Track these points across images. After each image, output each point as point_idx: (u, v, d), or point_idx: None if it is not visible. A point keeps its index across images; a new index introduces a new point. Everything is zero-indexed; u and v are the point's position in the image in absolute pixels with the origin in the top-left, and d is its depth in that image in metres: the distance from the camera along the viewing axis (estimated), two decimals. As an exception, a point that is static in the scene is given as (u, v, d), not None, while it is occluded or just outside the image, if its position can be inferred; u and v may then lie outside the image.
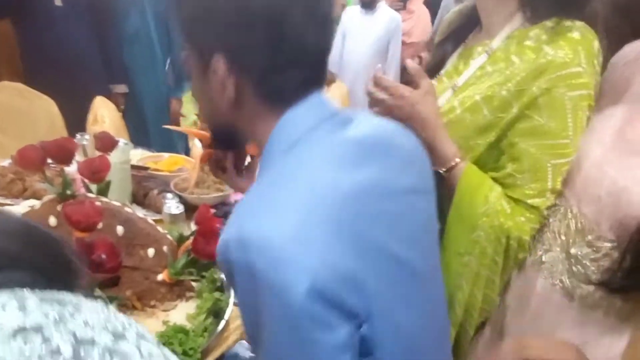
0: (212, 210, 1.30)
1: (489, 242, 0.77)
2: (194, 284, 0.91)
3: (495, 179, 0.79)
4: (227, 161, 0.78)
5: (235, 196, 1.40)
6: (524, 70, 0.74)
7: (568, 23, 0.74)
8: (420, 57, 3.20)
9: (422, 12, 3.26)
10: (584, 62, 0.71)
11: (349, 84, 3.07)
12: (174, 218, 1.17)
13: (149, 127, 2.44)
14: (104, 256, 0.60)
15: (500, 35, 0.80)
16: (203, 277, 0.92)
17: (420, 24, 3.24)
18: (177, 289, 0.85)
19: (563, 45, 0.72)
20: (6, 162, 1.49)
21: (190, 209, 1.29)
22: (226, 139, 0.66)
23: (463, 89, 0.83)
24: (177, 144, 2.53)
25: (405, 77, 3.06)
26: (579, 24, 0.74)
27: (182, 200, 1.28)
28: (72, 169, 1.04)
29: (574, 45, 0.72)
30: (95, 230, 0.72)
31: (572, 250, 0.72)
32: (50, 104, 1.97)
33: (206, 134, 0.78)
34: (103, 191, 0.89)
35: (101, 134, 0.95)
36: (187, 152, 2.55)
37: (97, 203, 0.78)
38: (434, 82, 0.90)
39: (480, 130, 0.78)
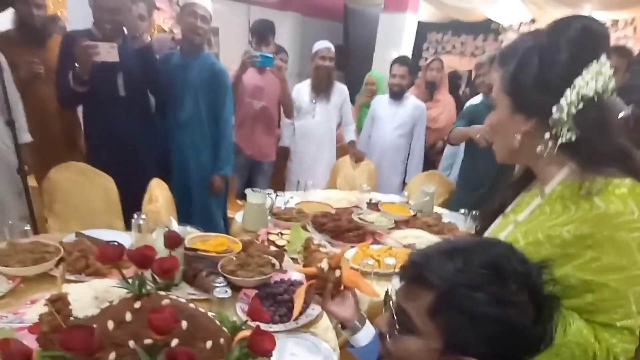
0: (255, 291, 1.38)
1: None
2: (242, 370, 0.95)
3: (576, 308, 0.82)
4: (326, 290, 1.01)
5: (276, 277, 1.46)
6: (581, 218, 0.80)
7: (617, 181, 0.80)
8: (444, 140, 3.33)
9: (447, 100, 3.46)
10: (636, 210, 0.77)
11: (376, 162, 3.22)
12: (222, 301, 1.23)
13: (194, 200, 2.58)
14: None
15: (552, 183, 0.88)
16: (251, 363, 0.96)
17: (445, 111, 3.41)
18: (229, 378, 0.89)
19: (613, 200, 0.78)
20: (69, 238, 1.61)
21: (234, 289, 1.37)
22: None
23: (524, 224, 0.90)
24: (216, 216, 2.65)
25: (431, 157, 3.16)
26: (627, 181, 0.80)
27: (229, 282, 1.35)
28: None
29: (624, 199, 0.78)
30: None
31: None
32: (109, 181, 2.15)
33: (312, 270, 1.05)
34: (169, 287, 0.96)
35: (170, 233, 1.03)
36: (225, 224, 2.67)
37: (167, 300, 0.85)
38: (499, 218, 1.00)
39: None
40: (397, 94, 3.11)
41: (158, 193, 1.93)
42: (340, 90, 3.15)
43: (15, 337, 0.75)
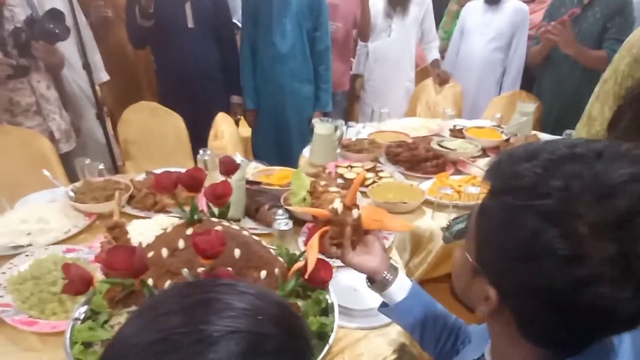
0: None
1: None
2: (299, 303, 0.97)
3: None
4: (344, 238, 0.84)
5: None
6: None
7: None
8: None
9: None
10: None
11: (463, 83, 2.94)
12: (283, 234, 1.26)
13: (291, 138, 2.60)
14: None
15: None
16: (309, 296, 0.97)
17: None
18: (284, 310, 0.91)
19: None
20: (141, 177, 1.74)
21: (297, 222, 1.39)
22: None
23: None
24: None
25: (526, 80, 2.80)
26: None
27: (291, 214, 1.37)
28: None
29: None
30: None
31: None
32: (178, 120, 2.25)
33: (323, 212, 0.85)
34: (224, 214, 0.99)
35: (225, 158, 1.06)
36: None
37: (219, 227, 0.88)
38: None
39: None
40: None
41: (224, 129, 1.99)
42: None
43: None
